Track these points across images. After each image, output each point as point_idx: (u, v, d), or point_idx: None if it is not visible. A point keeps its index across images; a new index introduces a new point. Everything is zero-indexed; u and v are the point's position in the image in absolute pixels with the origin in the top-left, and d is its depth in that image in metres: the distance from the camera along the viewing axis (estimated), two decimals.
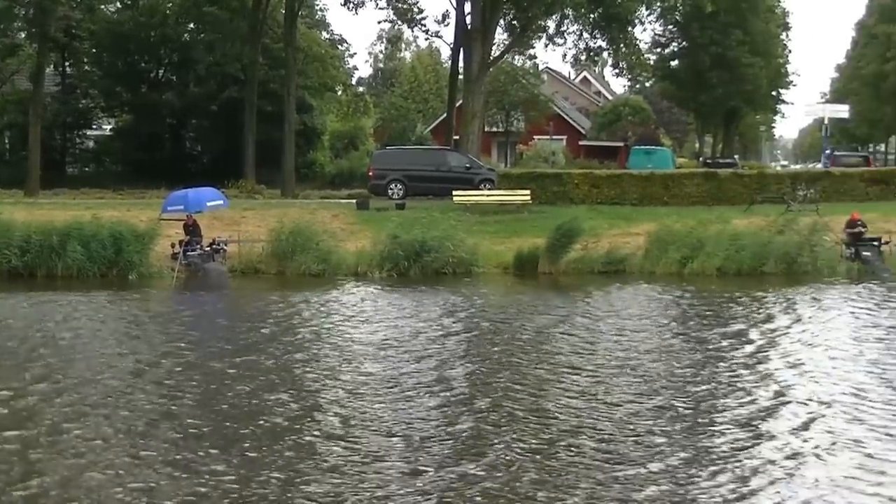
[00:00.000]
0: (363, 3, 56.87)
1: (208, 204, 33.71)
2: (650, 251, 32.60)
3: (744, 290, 27.56)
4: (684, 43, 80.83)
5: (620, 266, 32.06)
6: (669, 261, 31.68)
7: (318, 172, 68.00)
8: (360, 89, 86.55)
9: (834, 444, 12.90)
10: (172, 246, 31.41)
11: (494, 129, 76.08)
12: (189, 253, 31.21)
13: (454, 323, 22.44)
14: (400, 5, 57.19)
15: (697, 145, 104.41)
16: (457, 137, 53.89)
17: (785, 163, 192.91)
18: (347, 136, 76.24)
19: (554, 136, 75.63)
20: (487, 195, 42.28)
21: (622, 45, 55.94)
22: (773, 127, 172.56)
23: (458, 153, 49.28)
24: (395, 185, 45.52)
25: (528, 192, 41.45)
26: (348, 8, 57.23)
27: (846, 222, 33.93)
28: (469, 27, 51.99)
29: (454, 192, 41.24)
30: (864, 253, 32.26)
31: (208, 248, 31.83)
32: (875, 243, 32.73)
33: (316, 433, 13.41)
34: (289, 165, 54.77)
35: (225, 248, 32.25)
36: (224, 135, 63.37)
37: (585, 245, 32.78)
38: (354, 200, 43.11)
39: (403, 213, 37.80)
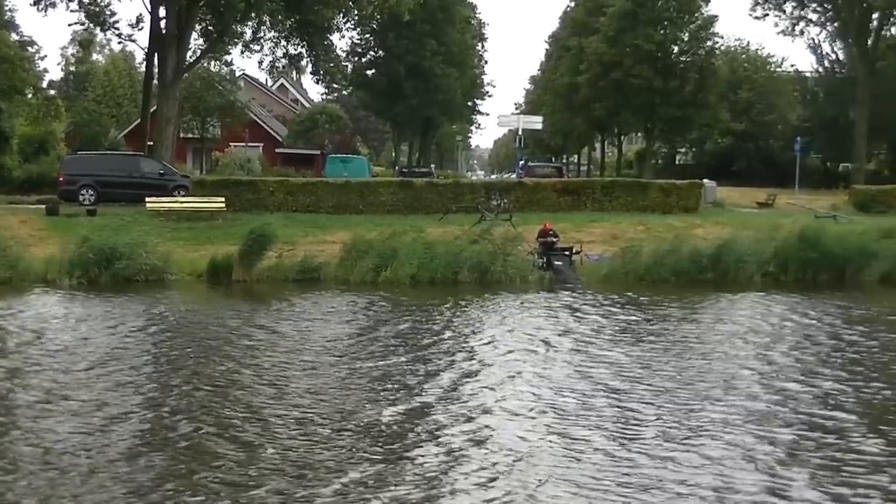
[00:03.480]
0: (54, 3, 55.15)
1: None
2: (345, 259, 32.80)
3: (434, 298, 28.05)
4: (381, 52, 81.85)
5: (315, 274, 32.16)
6: (363, 269, 31.93)
7: (7, 177, 65.35)
8: (52, 93, 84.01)
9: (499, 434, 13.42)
10: None
11: (190, 136, 75.01)
12: None
13: (135, 331, 22.11)
14: (92, 8, 55.71)
15: (394, 154, 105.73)
16: (151, 143, 52.94)
17: (481, 173, 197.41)
18: (38, 141, 73.49)
19: (250, 144, 75.27)
20: (181, 202, 41.65)
21: (320, 53, 56.22)
22: (470, 137, 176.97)
23: (151, 159, 48.48)
24: (87, 191, 44.31)
25: (222, 199, 41.14)
26: (38, 9, 55.52)
27: (538, 232, 34.90)
28: (164, 32, 51.27)
29: (147, 199, 40.55)
30: (556, 262, 33.09)
31: None
32: (566, 253, 33.70)
33: None
34: None
35: None
36: None
37: (280, 253, 32.78)
38: (44, 206, 41.82)
39: (94, 220, 37.08)
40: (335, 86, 72.75)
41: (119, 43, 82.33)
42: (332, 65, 57.76)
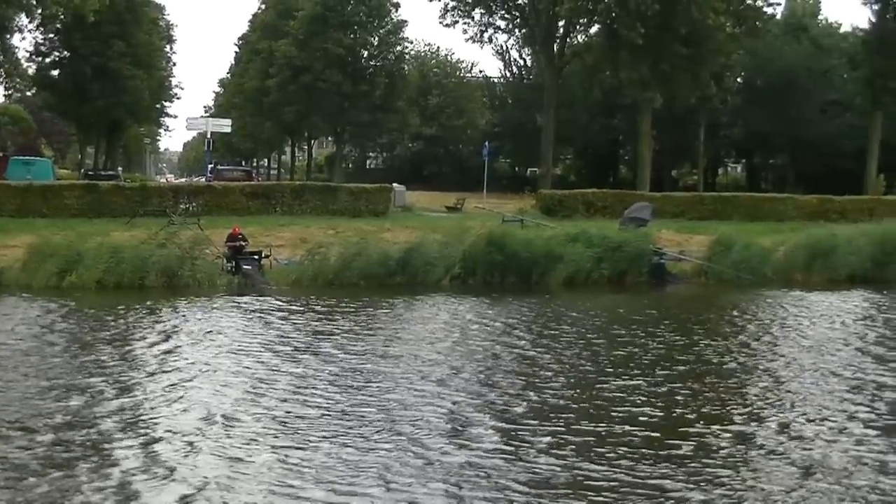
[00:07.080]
0: None
1: None
2: (28, 264, 31.78)
3: (120, 303, 27.42)
4: (66, 53, 79.84)
5: None
6: (47, 273, 30.89)
7: None
8: None
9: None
10: None
11: None
12: None
13: None
14: None
15: (80, 157, 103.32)
16: None
17: (171, 176, 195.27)
18: None
19: None
20: None
21: None
22: (158, 140, 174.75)
23: None
24: None
25: None
26: None
27: (227, 236, 34.59)
28: None
29: None
30: (245, 266, 32.83)
31: None
32: (255, 257, 33.58)
33: None
34: None
35: None
36: None
37: None
38: None
39: None
40: (17, 86, 70.57)
41: None
42: (10, 66, 56.10)
